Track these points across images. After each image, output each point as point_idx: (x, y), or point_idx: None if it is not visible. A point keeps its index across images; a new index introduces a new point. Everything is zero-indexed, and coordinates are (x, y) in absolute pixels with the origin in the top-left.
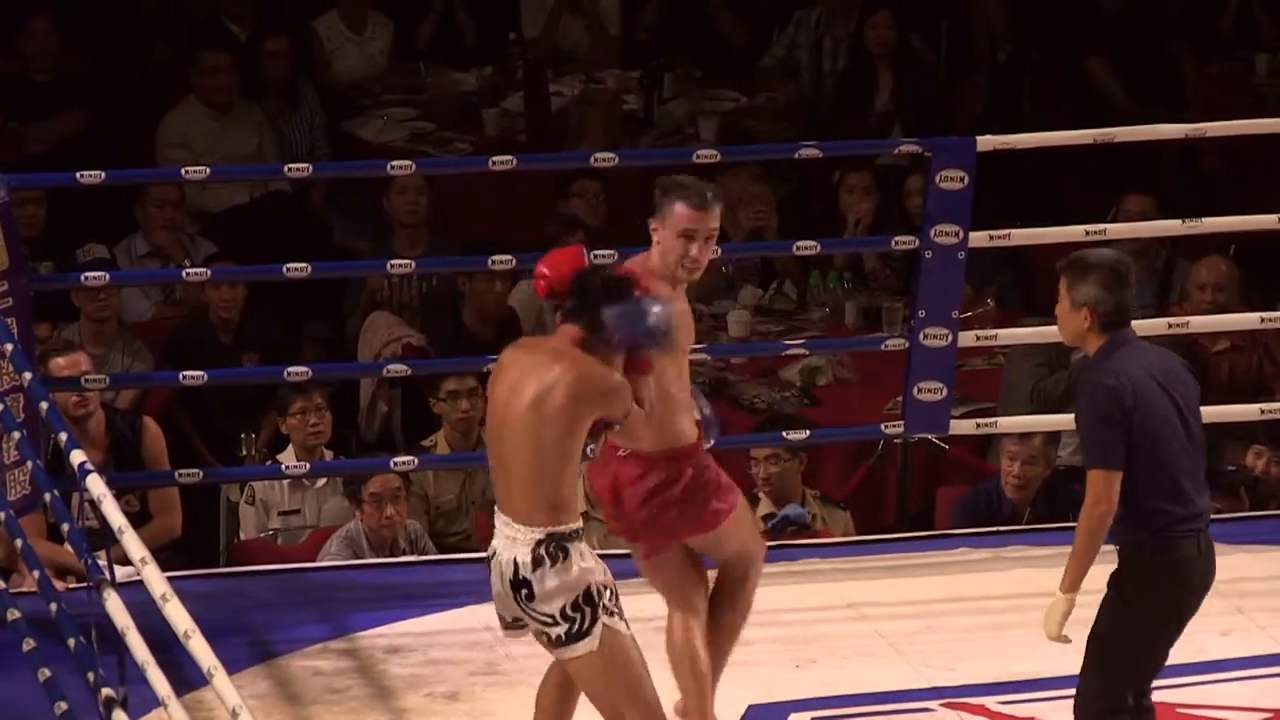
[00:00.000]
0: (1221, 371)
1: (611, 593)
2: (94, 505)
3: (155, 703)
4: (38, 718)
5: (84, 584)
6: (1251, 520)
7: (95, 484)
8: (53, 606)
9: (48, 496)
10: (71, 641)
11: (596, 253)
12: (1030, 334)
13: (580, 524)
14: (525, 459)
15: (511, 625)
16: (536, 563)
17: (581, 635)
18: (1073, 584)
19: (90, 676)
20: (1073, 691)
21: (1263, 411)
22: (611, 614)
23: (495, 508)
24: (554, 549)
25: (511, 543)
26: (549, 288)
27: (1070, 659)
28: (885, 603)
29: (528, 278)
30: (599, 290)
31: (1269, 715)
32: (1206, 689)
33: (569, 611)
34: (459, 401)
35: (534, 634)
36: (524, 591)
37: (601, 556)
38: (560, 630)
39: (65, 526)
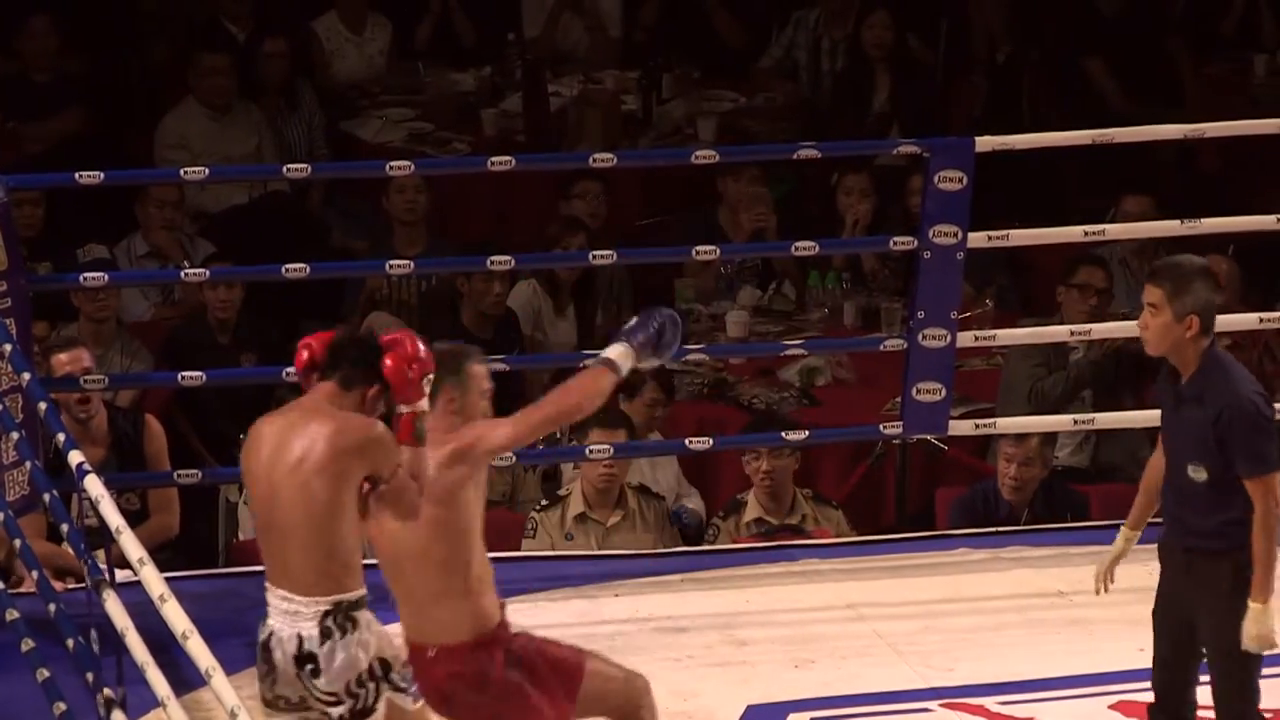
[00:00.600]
0: None
1: (403, 663)
2: (93, 505)
3: (154, 703)
4: (36, 718)
5: (83, 585)
6: None
7: (93, 484)
8: (51, 607)
9: (46, 497)
10: (70, 642)
11: (596, 253)
12: (1028, 334)
13: (365, 591)
14: (299, 521)
15: (290, 708)
16: (325, 635)
17: (366, 713)
18: (1266, 591)
19: (89, 677)
20: (1068, 692)
21: None
22: (399, 689)
23: (267, 584)
24: (342, 619)
25: (292, 617)
26: (310, 358)
27: (1067, 660)
28: (884, 603)
29: (526, 278)
30: (350, 345)
31: (1270, 715)
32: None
33: (354, 688)
34: None
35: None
36: (309, 668)
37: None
38: (343, 709)
39: (64, 527)
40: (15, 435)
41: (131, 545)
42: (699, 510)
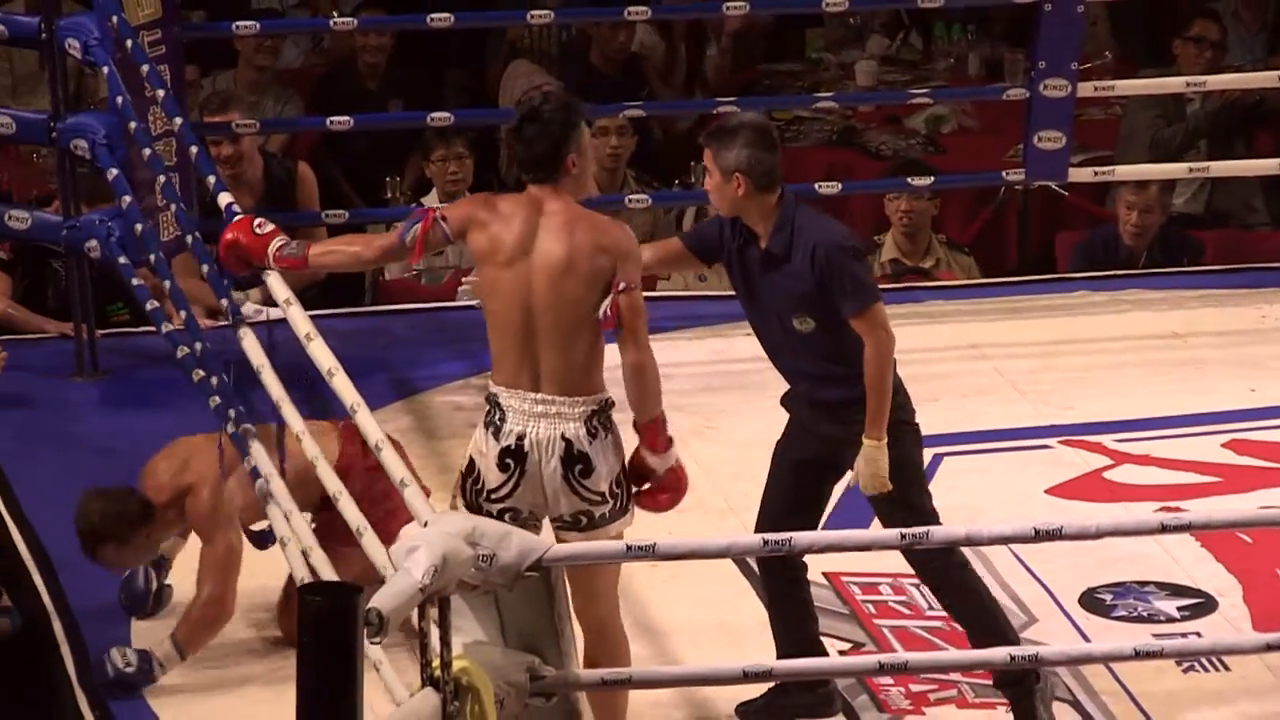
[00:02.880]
0: None
1: None
2: None
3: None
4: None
5: (226, 323)
6: None
7: None
8: (198, 345)
9: (189, 238)
10: (214, 379)
11: (730, 3)
12: (1146, 85)
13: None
14: (565, 324)
15: (529, 517)
16: (591, 435)
17: (624, 510)
18: (879, 428)
19: (230, 413)
20: (1183, 430)
21: None
22: None
23: (501, 387)
24: (605, 420)
25: (554, 419)
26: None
27: (1182, 399)
28: (1005, 344)
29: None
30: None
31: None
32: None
33: (615, 488)
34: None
35: (561, 522)
36: (578, 468)
37: None
38: (605, 509)
39: (205, 267)
40: (163, 179)
41: (278, 285)
42: None
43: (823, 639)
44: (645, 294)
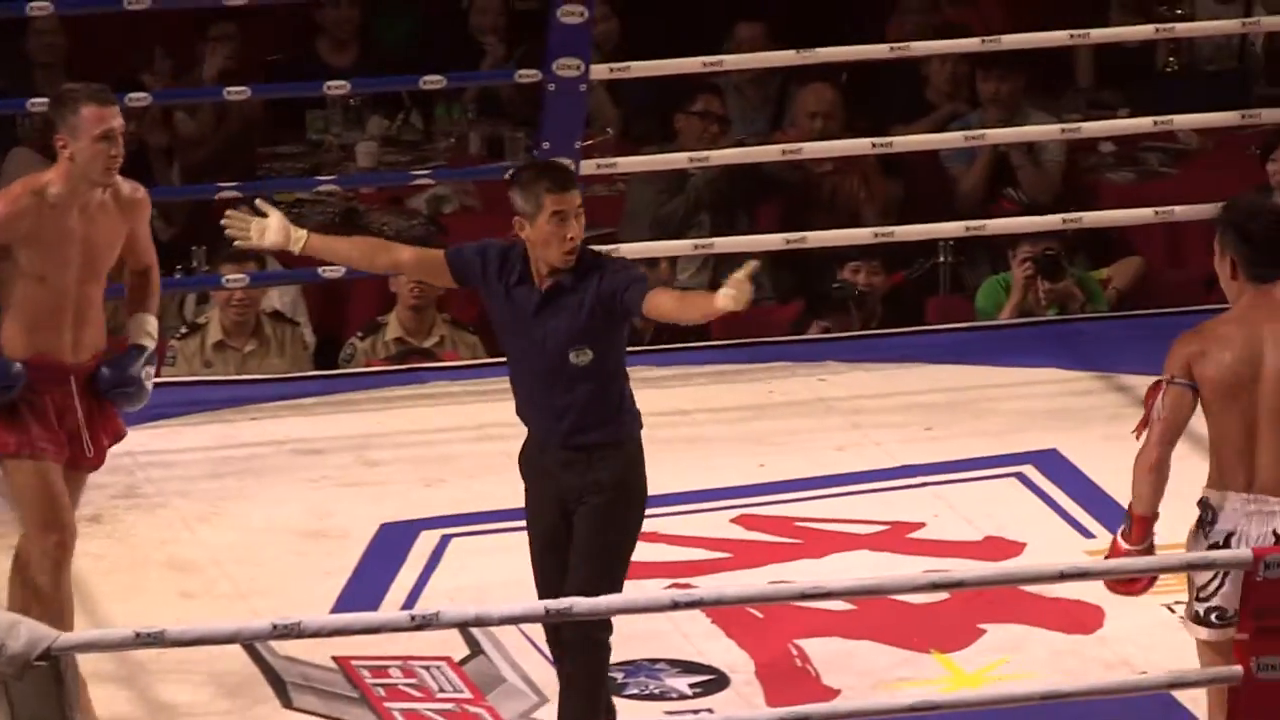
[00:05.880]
0: (824, 192)
1: None
2: None
3: None
4: None
5: None
6: (864, 339)
7: None
8: None
9: None
10: None
11: (231, 89)
12: (650, 161)
13: None
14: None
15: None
16: None
17: None
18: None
19: None
20: (689, 507)
21: (876, 235)
22: None
23: (1238, 492)
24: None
25: (1270, 517)
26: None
27: (688, 476)
28: (512, 423)
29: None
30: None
31: (884, 528)
32: (823, 503)
33: None
34: None
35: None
36: None
37: None
38: None
39: None
40: None
41: None
42: None
43: None
44: None
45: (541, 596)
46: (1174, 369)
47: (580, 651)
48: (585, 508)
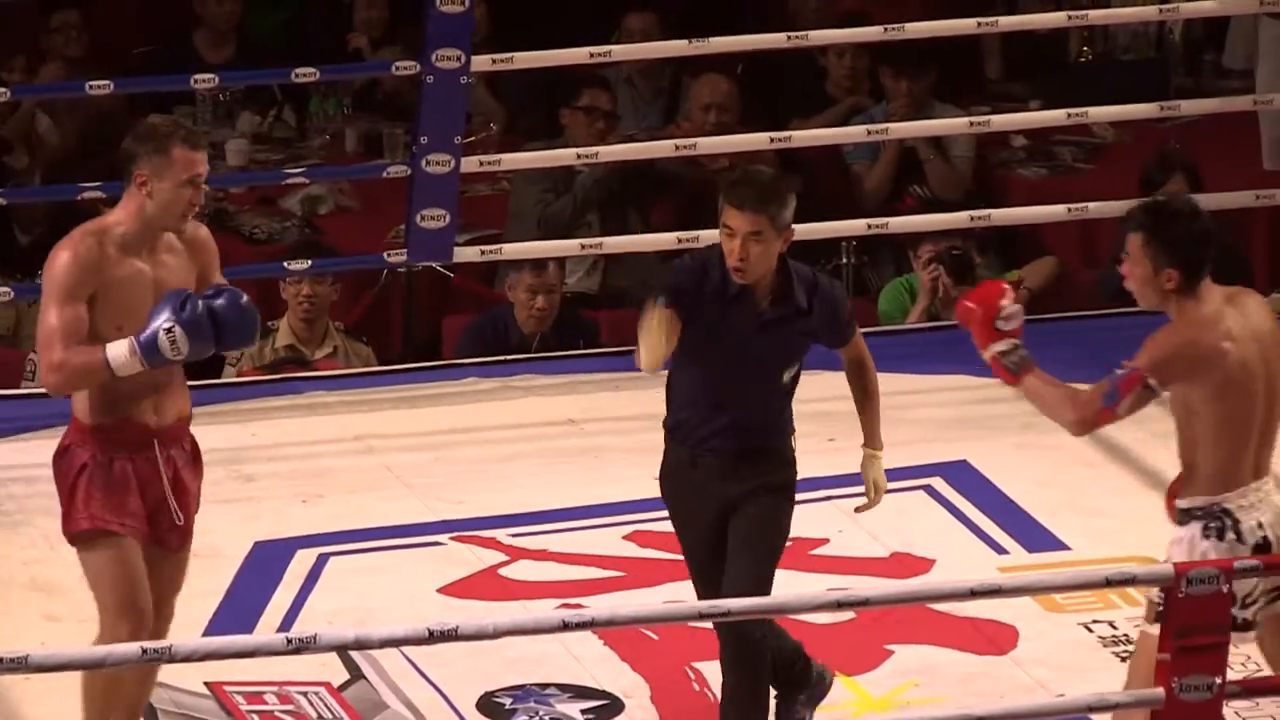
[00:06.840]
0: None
1: None
2: None
3: None
4: None
5: None
6: None
7: None
8: None
9: None
10: None
11: (94, 83)
12: (534, 158)
13: None
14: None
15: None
16: None
17: None
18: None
19: None
20: (582, 523)
21: None
22: None
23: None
24: None
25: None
26: None
27: (580, 489)
28: (393, 435)
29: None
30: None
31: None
32: None
33: None
34: None
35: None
36: None
37: None
38: None
39: None
40: None
41: None
42: None
43: None
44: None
45: (711, 585)
46: (1159, 375)
47: (738, 649)
48: (752, 508)
